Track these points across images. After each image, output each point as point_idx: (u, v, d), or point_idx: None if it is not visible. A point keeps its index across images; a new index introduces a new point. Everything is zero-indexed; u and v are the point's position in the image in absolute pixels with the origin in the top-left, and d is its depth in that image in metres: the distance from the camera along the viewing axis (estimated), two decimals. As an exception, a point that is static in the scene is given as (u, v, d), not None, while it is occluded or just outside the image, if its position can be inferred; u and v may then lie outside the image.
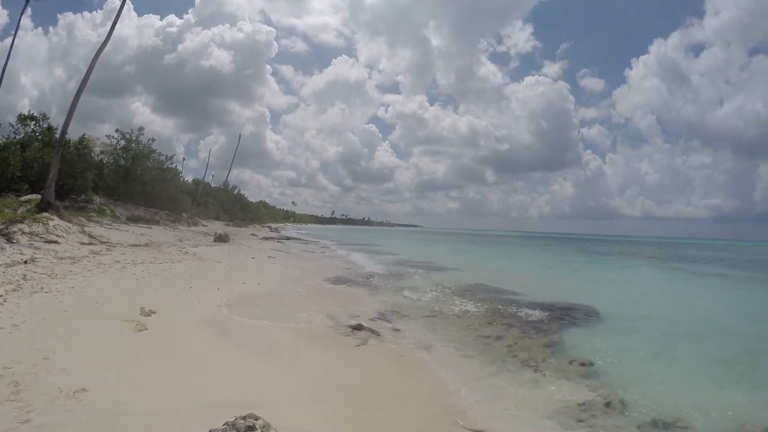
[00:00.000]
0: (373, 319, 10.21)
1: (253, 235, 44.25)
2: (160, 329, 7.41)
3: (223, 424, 4.08)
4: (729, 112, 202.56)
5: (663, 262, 41.85)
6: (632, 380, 7.37)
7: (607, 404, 6.28)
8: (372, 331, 8.98)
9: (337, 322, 9.51)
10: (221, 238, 28.38)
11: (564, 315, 12.14)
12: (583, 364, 7.89)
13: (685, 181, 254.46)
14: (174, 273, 12.97)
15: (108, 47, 28.08)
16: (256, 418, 4.20)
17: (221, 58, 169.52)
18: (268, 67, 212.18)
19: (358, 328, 9.04)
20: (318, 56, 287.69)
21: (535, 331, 10.22)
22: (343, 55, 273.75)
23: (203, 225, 46.86)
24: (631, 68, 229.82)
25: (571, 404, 6.21)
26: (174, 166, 50.24)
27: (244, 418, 4.18)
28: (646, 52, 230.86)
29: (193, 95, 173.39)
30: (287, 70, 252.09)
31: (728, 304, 18.16)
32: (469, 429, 5.22)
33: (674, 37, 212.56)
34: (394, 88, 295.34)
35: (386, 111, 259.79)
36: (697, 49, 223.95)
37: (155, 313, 8.14)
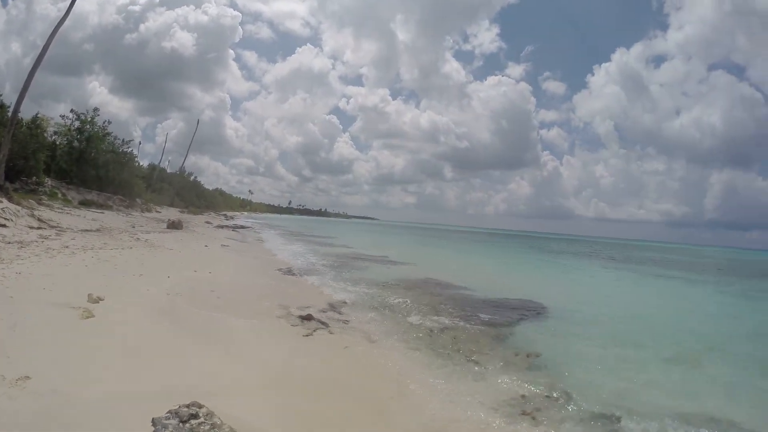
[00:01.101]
0: (323, 310, 10.25)
1: (207, 222, 43.73)
2: (108, 317, 7.26)
3: (167, 413, 4.10)
4: (685, 122, 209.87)
5: (614, 262, 42.99)
6: (577, 373, 7.58)
7: (552, 396, 6.44)
8: (321, 322, 9.02)
9: (287, 312, 9.53)
10: (174, 225, 27.94)
11: (513, 310, 12.42)
12: (529, 357, 8.11)
13: (639, 186, 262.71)
14: (124, 259, 12.73)
15: (67, 23, 27.41)
16: (200, 407, 4.24)
17: (184, 41, 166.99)
18: (232, 52, 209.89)
19: (308, 318, 9.09)
20: (283, 44, 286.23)
21: (483, 325, 10.39)
22: (308, 45, 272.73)
23: (157, 211, 46.21)
24: (593, 74, 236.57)
25: (515, 396, 6.33)
26: (129, 149, 49.00)
27: (187, 406, 4.21)
28: (608, 60, 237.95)
29: (152, 77, 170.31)
30: (250, 57, 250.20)
31: (675, 304, 18.84)
32: (413, 419, 5.29)
33: (637, 48, 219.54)
34: (358, 81, 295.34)
35: (348, 103, 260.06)
36: (659, 60, 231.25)
37: (103, 300, 7.96)
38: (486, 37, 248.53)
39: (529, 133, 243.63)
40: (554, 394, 6.49)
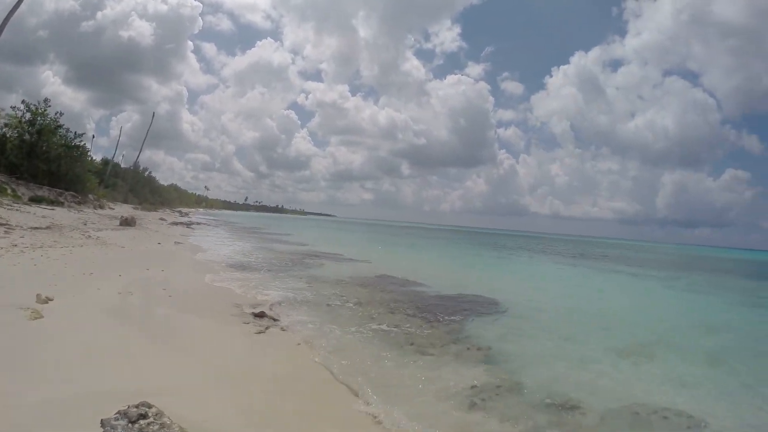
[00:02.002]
0: (275, 306, 10.27)
1: (161, 219, 42.98)
2: (57, 317, 7.15)
3: (116, 413, 4.05)
4: (639, 124, 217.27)
5: (567, 258, 43.92)
6: (528, 365, 7.77)
7: (502, 387, 6.56)
8: (273, 319, 9.05)
9: (239, 309, 9.53)
10: (127, 222, 27.45)
11: (466, 305, 12.61)
12: (480, 350, 8.26)
13: (593, 185, 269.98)
14: (75, 258, 12.52)
15: (21, 8, 26.76)
16: (150, 407, 4.20)
17: (142, 30, 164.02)
18: (190, 43, 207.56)
19: (260, 315, 9.11)
20: (243, 37, 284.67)
21: (435, 320, 10.53)
22: (269, 38, 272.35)
23: (110, 208, 45.18)
24: (551, 76, 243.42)
25: (466, 387, 6.42)
26: (82, 143, 47.02)
27: (137, 406, 4.16)
28: (567, 62, 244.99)
29: (108, 68, 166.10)
30: (209, 49, 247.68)
31: (626, 298, 19.48)
32: (365, 413, 5.36)
33: (595, 51, 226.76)
34: (317, 76, 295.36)
35: (307, 98, 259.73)
36: (616, 64, 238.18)
37: (53, 300, 7.85)
38: (447, 36, 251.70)
39: (486, 131, 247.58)
40: (505, 385, 6.62)
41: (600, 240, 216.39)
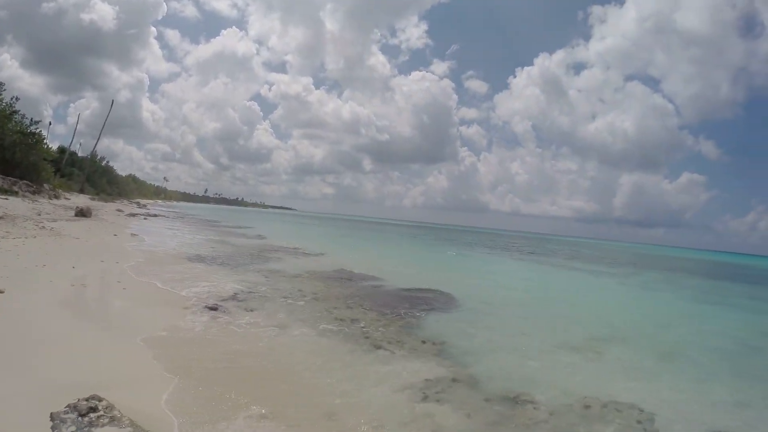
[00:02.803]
0: (230, 299, 10.23)
1: (118, 210, 42.22)
2: (8, 310, 7.06)
3: (65, 407, 4.08)
4: (600, 126, 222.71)
5: (524, 254, 44.77)
6: (482, 359, 7.87)
7: (456, 380, 6.64)
8: (227, 311, 9.00)
9: (194, 302, 9.44)
10: (83, 213, 26.86)
11: (423, 300, 12.71)
12: (435, 344, 8.34)
13: (552, 184, 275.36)
14: (28, 249, 12.25)
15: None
16: (100, 400, 4.24)
17: (104, 13, 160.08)
18: (153, 29, 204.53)
19: (214, 308, 9.06)
20: (207, 24, 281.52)
21: (392, 314, 10.57)
22: (234, 27, 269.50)
23: (66, 198, 44.07)
24: (514, 76, 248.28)
25: (420, 380, 6.46)
26: (39, 130, 45.46)
27: (86, 399, 4.20)
28: (531, 63, 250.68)
29: (68, 52, 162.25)
30: (173, 36, 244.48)
31: (580, 294, 19.98)
32: (319, 402, 5.36)
33: (559, 54, 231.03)
34: (281, 68, 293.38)
35: (270, 90, 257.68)
36: (579, 67, 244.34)
37: (3, 292, 7.71)
38: (414, 33, 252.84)
39: (449, 128, 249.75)
40: (459, 379, 6.69)
41: (558, 237, 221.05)
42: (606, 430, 5.70)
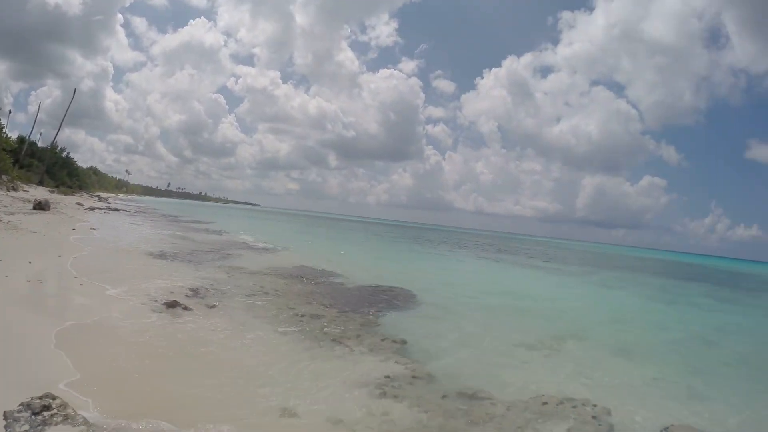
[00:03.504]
0: (189, 295, 10.06)
1: (78, 204, 41.22)
2: None
3: (19, 405, 4.02)
4: (564, 129, 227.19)
5: (487, 252, 45.20)
6: (441, 356, 7.97)
7: (415, 377, 6.67)
8: (186, 308, 8.84)
9: (152, 298, 9.23)
10: (41, 206, 26.22)
11: (384, 297, 12.77)
12: (395, 342, 8.33)
13: (516, 184, 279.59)
14: None
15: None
16: (54, 398, 4.18)
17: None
18: (120, 16, 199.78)
19: (173, 305, 8.86)
20: (176, 13, 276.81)
21: (352, 311, 10.58)
22: (202, 17, 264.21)
23: (24, 190, 42.95)
24: (482, 77, 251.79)
25: (380, 377, 6.49)
26: None
27: (40, 398, 4.14)
28: (498, 65, 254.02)
29: (30, 36, 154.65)
30: (140, 24, 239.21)
31: (540, 292, 20.06)
32: (277, 397, 5.36)
33: (527, 57, 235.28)
34: (249, 60, 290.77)
35: (237, 83, 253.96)
36: (546, 71, 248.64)
37: None
38: (384, 31, 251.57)
39: (415, 127, 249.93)
40: (418, 375, 6.73)
41: (521, 236, 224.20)
42: (561, 425, 5.78)
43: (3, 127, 48.44)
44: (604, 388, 7.32)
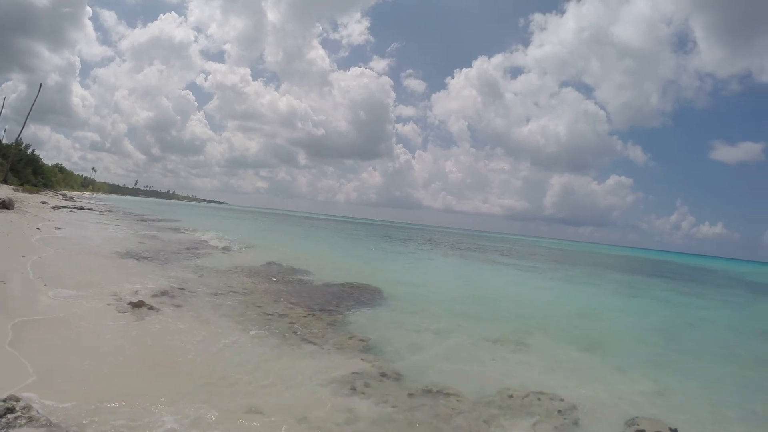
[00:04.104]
0: (156, 295, 9.97)
1: (43, 203, 40.50)
2: None
3: None
4: (533, 129, 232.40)
5: (455, 250, 45.62)
6: (408, 353, 8.02)
7: (382, 374, 6.71)
8: (152, 308, 8.77)
9: (118, 299, 9.14)
10: (5, 205, 25.66)
11: (351, 295, 12.84)
12: (362, 340, 8.38)
13: (485, 182, 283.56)
14: None
15: None
16: (17, 400, 4.20)
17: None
18: (89, 9, 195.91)
19: (139, 305, 8.77)
20: (146, 8, 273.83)
21: (320, 309, 10.59)
22: (173, 12, 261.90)
23: (-13, 189, 42.51)
24: (452, 77, 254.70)
25: (347, 374, 6.54)
26: None
27: (4, 400, 4.16)
28: (469, 65, 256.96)
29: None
30: (109, 17, 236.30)
31: (507, 288, 20.43)
32: (244, 395, 5.39)
33: (498, 58, 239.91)
34: (219, 57, 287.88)
35: (206, 79, 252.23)
36: (516, 72, 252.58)
37: None
38: (356, 29, 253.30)
39: (385, 125, 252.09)
40: (385, 373, 6.77)
41: (489, 234, 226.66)
42: (527, 419, 5.87)
43: (-33, 124, 47.29)
44: (570, 382, 7.46)
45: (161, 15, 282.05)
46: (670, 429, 5.95)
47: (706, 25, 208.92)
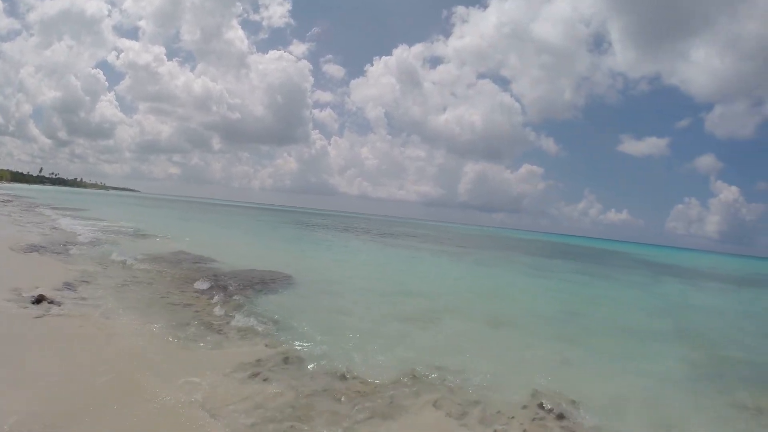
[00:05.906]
0: (59, 289, 9.63)
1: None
2: None
3: None
4: (450, 118, 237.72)
5: (369, 235, 46.63)
6: (315, 337, 8.08)
7: (286, 359, 6.82)
8: (54, 302, 8.49)
9: (17, 294, 8.78)
10: None
11: (259, 281, 12.86)
12: (267, 325, 8.45)
13: (401, 169, 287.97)
14: None
15: None
16: None
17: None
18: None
19: (39, 300, 8.46)
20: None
21: (226, 296, 10.54)
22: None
23: None
24: (372, 64, 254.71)
25: (251, 360, 6.60)
26: None
27: None
28: (389, 53, 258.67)
29: None
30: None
31: (419, 271, 21.20)
32: (149, 390, 5.32)
33: (418, 47, 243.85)
34: (133, 33, 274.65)
35: (118, 57, 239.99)
36: (435, 61, 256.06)
37: None
38: (277, 11, 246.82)
39: (302, 110, 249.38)
40: (290, 357, 6.90)
41: (404, 220, 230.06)
42: (430, 395, 6.09)
43: None
44: (477, 358, 7.77)
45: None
46: (571, 400, 6.32)
47: (622, 28, 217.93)
